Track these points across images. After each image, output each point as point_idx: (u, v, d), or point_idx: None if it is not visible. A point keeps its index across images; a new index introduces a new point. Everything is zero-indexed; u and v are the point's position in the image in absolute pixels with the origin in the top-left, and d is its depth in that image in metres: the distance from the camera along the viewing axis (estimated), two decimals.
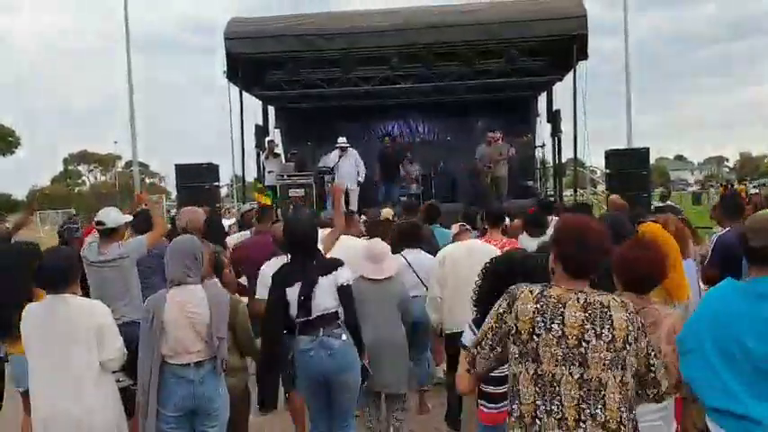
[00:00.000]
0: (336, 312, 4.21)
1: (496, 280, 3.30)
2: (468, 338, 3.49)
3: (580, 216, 2.90)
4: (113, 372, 3.86)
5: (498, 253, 4.86)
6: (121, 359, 3.79)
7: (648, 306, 3.10)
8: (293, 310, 4.16)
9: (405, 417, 5.07)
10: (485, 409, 3.49)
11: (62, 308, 3.70)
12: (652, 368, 2.48)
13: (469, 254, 5.16)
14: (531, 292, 2.44)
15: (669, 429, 3.08)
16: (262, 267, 4.89)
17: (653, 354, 2.48)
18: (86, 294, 4.73)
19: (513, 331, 2.41)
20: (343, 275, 4.26)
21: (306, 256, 4.28)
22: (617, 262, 3.19)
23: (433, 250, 5.91)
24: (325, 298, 4.17)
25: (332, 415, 4.35)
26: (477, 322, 3.38)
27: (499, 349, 2.48)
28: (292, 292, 4.15)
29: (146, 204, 6.35)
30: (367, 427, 5.07)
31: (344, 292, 4.23)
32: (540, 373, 2.35)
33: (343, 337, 4.21)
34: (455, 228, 6.13)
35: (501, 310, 2.47)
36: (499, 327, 2.46)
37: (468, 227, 6.15)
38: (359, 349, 4.28)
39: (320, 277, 4.18)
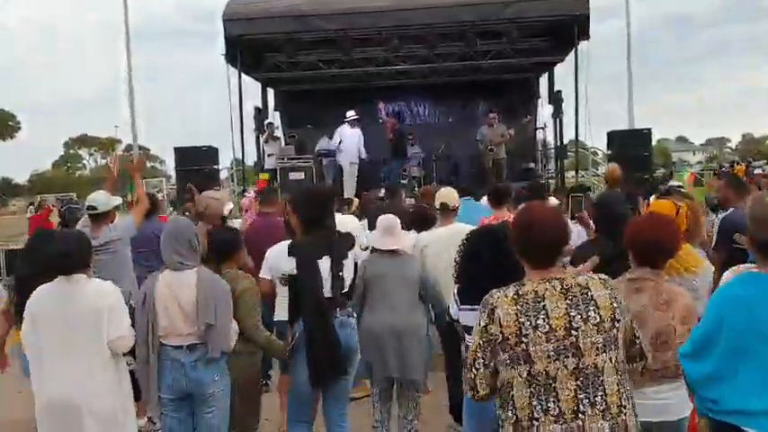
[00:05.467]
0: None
1: (468, 255, 3.43)
2: (453, 310, 3.50)
3: (530, 204, 2.87)
4: (123, 354, 3.85)
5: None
6: (131, 338, 3.76)
7: (662, 283, 3.07)
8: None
9: (417, 415, 4.78)
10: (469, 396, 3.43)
11: (73, 289, 3.68)
12: (636, 340, 2.48)
13: (450, 239, 5.06)
14: (506, 296, 2.37)
15: (683, 408, 3.06)
16: (270, 248, 4.46)
17: (635, 325, 2.49)
18: None
19: (500, 339, 2.34)
20: (359, 251, 4.25)
21: (329, 228, 4.13)
22: (629, 236, 3.17)
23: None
24: (349, 275, 4.09)
25: (331, 402, 4.19)
26: (460, 292, 3.42)
27: (494, 363, 2.40)
28: (322, 266, 3.97)
29: (112, 164, 6.09)
30: (375, 420, 4.77)
31: (357, 269, 4.22)
32: (533, 373, 2.30)
33: (354, 318, 4.18)
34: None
35: (483, 324, 2.40)
36: (487, 341, 2.39)
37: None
38: None
39: (348, 252, 4.10)
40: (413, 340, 4.60)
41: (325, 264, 3.99)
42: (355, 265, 4.19)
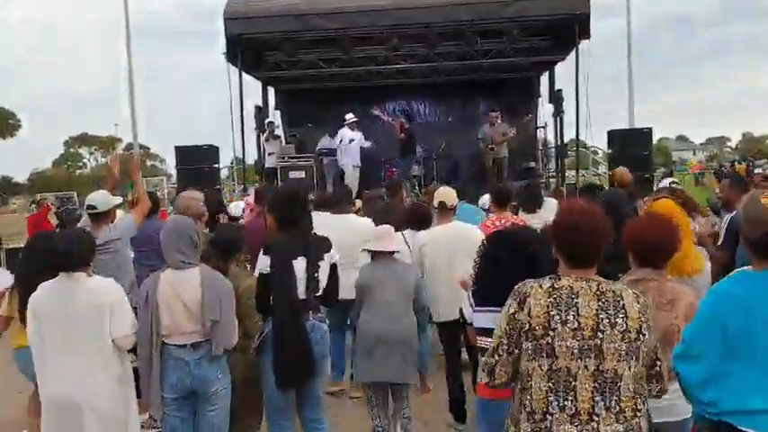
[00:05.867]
0: (322, 296, 4.10)
1: (488, 258, 3.40)
2: (467, 313, 3.48)
3: (576, 202, 2.84)
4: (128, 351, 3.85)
5: (477, 232, 4.84)
6: (134, 335, 3.76)
7: (665, 283, 3.07)
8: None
9: (410, 413, 4.80)
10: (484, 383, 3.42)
11: (74, 287, 3.69)
12: (658, 363, 2.45)
13: (452, 238, 5.10)
14: (541, 287, 2.37)
15: (687, 408, 3.03)
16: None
17: (659, 349, 2.45)
18: None
19: (527, 328, 2.34)
20: (336, 255, 4.20)
21: (302, 229, 4.12)
22: (628, 237, 3.15)
23: None
24: (324, 278, 4.07)
25: (303, 405, 4.18)
26: (475, 293, 3.40)
27: (517, 352, 2.39)
28: (296, 266, 3.97)
29: (112, 163, 6.01)
30: (374, 425, 4.75)
31: (334, 272, 4.18)
32: (554, 368, 2.30)
33: (327, 320, 4.17)
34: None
35: (512, 311, 2.39)
36: (513, 328, 2.38)
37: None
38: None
39: (324, 254, 4.09)
40: (406, 347, 4.59)
41: (300, 264, 3.98)
42: (332, 267, 4.15)
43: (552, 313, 2.31)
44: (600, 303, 2.32)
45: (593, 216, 2.47)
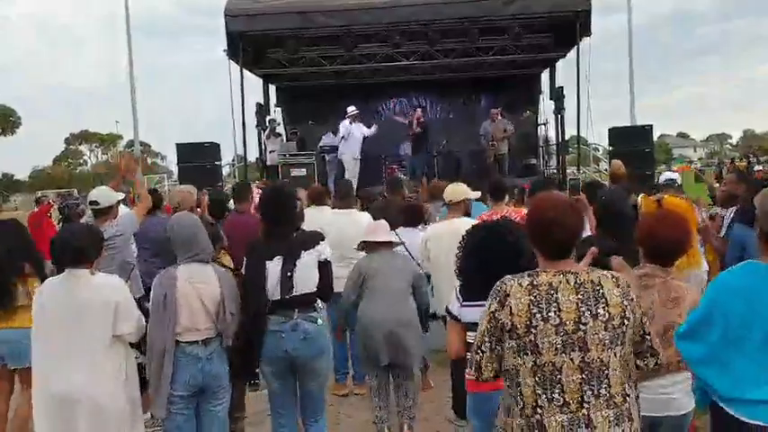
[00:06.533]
0: (314, 294, 4.03)
1: (468, 251, 3.43)
2: (454, 307, 3.51)
3: (548, 195, 2.84)
4: (132, 346, 3.85)
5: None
6: (140, 332, 3.77)
7: (672, 280, 3.09)
8: (269, 287, 3.92)
9: (415, 403, 4.82)
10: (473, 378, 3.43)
11: (79, 284, 3.68)
12: (647, 337, 2.45)
13: (453, 233, 5.11)
14: (520, 285, 2.36)
15: (686, 403, 3.07)
16: None
17: (646, 322, 2.46)
18: None
19: (509, 327, 2.34)
20: (327, 251, 4.12)
21: (285, 228, 4.08)
22: (642, 234, 3.17)
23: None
24: (307, 276, 3.97)
25: (302, 405, 4.16)
26: (461, 290, 3.42)
27: (500, 348, 2.40)
28: (272, 267, 3.92)
29: (123, 169, 6.00)
30: (375, 416, 4.79)
31: (326, 268, 4.08)
32: (539, 364, 2.30)
33: (319, 321, 4.06)
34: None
35: (493, 309, 2.39)
36: (494, 326, 2.38)
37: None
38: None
39: (303, 252, 4.00)
40: (407, 329, 4.63)
41: (276, 264, 3.93)
42: (322, 264, 4.06)
43: (534, 311, 2.31)
44: (579, 296, 2.32)
45: (565, 209, 2.47)
